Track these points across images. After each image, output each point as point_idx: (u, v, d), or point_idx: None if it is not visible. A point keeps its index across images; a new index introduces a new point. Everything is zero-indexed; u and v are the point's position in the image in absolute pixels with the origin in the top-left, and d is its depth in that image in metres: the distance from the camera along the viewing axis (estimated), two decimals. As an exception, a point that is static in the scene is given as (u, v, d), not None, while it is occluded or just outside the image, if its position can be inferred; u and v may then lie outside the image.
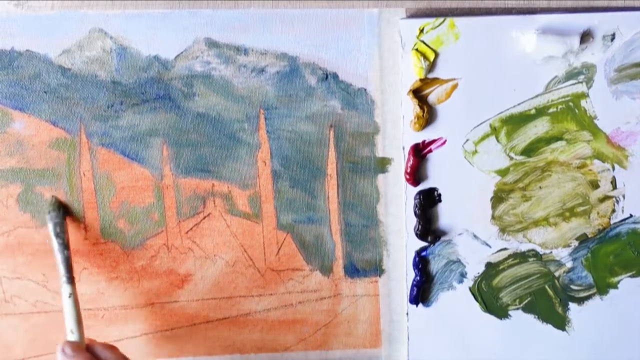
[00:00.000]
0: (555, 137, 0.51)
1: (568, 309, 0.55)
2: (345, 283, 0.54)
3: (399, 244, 0.54)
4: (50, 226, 0.50)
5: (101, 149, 0.51)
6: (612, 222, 0.53)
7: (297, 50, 0.49)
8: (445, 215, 0.53)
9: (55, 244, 0.49)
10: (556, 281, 0.54)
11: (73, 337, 0.48)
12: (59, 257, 0.49)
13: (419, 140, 0.51)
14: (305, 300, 0.55)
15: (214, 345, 0.55)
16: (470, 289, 0.54)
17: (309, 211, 0.53)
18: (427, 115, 0.50)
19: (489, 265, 0.54)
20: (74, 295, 0.49)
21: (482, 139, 0.51)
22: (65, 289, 0.49)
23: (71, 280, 0.49)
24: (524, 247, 0.54)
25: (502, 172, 0.52)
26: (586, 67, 0.50)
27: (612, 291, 0.55)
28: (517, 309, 0.55)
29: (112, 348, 0.48)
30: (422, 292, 0.54)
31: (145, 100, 0.50)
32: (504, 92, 0.50)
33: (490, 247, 0.53)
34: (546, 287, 0.54)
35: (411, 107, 0.50)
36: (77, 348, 0.47)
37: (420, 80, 0.50)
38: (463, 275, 0.54)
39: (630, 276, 0.54)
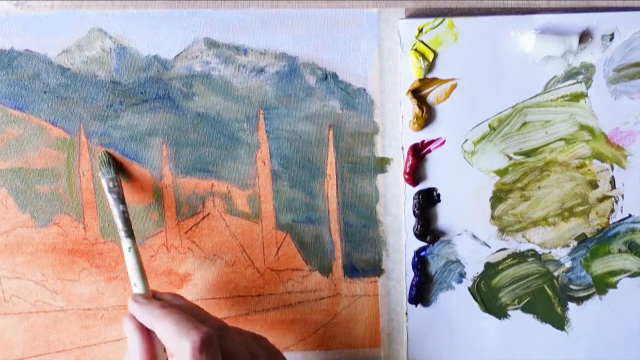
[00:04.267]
0: (554, 137, 0.52)
1: (567, 308, 0.55)
2: (344, 283, 0.54)
3: (398, 244, 0.54)
4: (103, 182, 0.50)
5: (101, 149, 0.51)
6: (611, 222, 0.53)
7: (297, 50, 0.49)
8: (445, 215, 0.53)
9: (110, 199, 0.49)
10: (555, 281, 0.54)
11: (137, 289, 0.48)
12: (115, 212, 0.49)
13: (418, 140, 0.51)
14: (305, 300, 0.54)
15: (213, 345, 0.55)
16: (469, 289, 0.54)
17: (308, 211, 0.53)
18: (426, 115, 0.50)
19: (488, 265, 0.54)
20: (133, 248, 0.48)
21: (481, 139, 0.51)
22: (125, 242, 0.48)
23: (130, 234, 0.49)
24: (523, 247, 0.54)
25: (501, 172, 0.52)
26: (585, 67, 0.50)
27: (611, 291, 0.55)
28: (516, 309, 0.55)
29: (179, 297, 0.49)
30: (421, 292, 0.54)
31: (145, 100, 0.50)
32: (503, 92, 0.50)
33: (489, 247, 0.53)
34: (545, 287, 0.55)
35: (410, 107, 0.50)
36: (148, 297, 0.47)
37: (420, 80, 0.50)
38: (462, 275, 0.54)
39: (629, 276, 0.54)
